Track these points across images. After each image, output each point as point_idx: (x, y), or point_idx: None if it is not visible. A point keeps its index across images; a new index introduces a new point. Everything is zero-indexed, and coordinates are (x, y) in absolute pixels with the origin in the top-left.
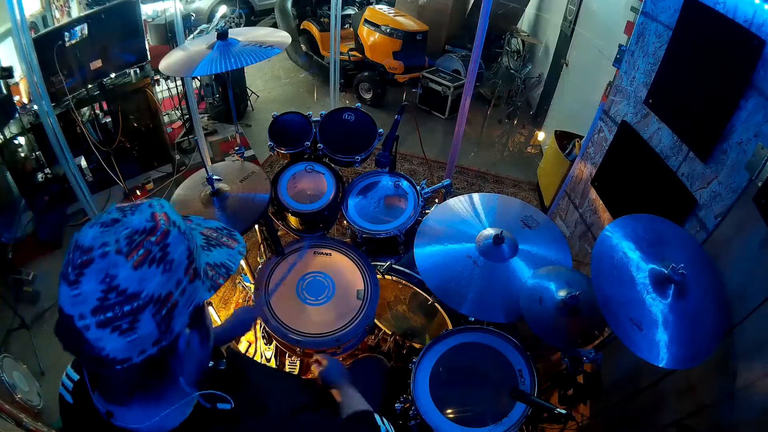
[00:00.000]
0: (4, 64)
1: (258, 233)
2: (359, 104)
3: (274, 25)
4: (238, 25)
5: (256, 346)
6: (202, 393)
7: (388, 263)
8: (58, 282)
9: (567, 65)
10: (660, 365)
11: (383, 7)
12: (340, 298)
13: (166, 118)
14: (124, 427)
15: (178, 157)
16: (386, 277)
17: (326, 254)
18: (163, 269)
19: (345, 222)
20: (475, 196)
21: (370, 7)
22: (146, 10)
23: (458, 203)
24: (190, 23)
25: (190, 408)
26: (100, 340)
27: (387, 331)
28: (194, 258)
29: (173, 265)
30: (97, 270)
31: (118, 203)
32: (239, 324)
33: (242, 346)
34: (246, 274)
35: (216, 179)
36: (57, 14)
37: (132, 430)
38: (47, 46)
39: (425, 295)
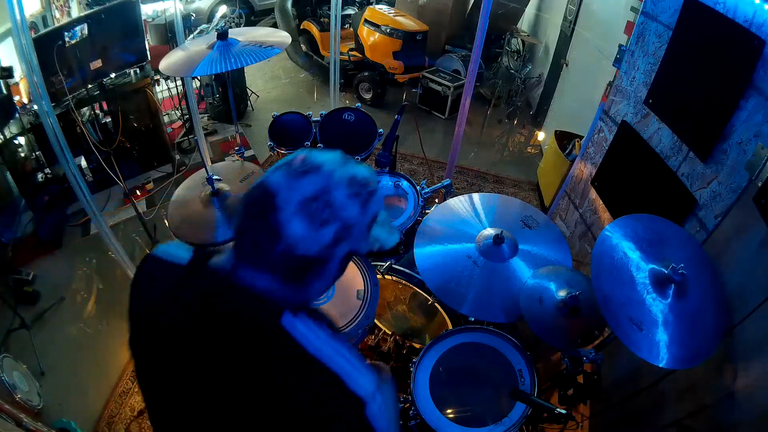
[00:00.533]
0: (4, 64)
1: None
2: (359, 104)
3: (274, 25)
4: (238, 25)
5: None
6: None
7: (388, 263)
8: (276, 167)
9: (567, 65)
10: (660, 365)
11: (383, 7)
12: (340, 298)
13: (166, 118)
14: (243, 282)
15: (178, 157)
16: (386, 277)
17: None
18: (360, 209)
19: None
20: (475, 196)
21: (370, 7)
22: (146, 10)
23: (458, 203)
24: (190, 23)
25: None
26: (288, 222)
27: (387, 331)
28: (375, 219)
29: (367, 212)
30: (321, 179)
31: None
32: None
33: None
34: None
35: (216, 179)
36: (57, 14)
37: (248, 285)
38: (47, 46)
39: (425, 295)
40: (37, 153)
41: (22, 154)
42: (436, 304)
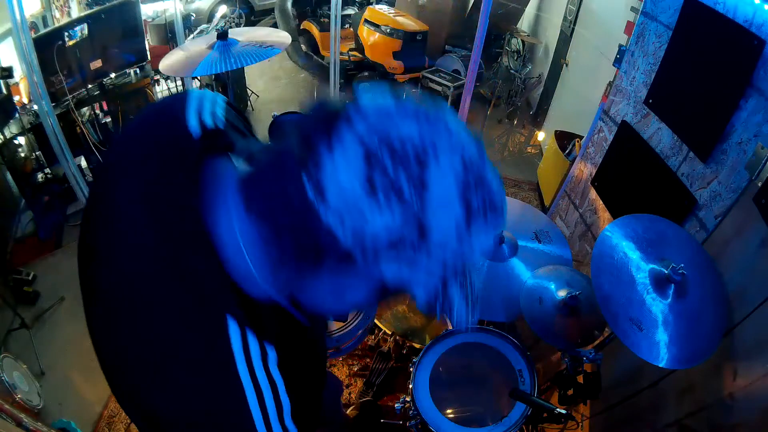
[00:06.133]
0: (4, 64)
1: None
2: None
3: (274, 25)
4: (238, 25)
5: None
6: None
7: None
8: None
9: (567, 65)
10: (660, 365)
11: (383, 7)
12: None
13: None
14: (216, 230)
15: None
16: None
17: None
18: (464, 223)
19: None
20: None
21: (370, 7)
22: (146, 10)
23: None
24: (190, 23)
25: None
26: (343, 172)
27: (387, 331)
28: (473, 256)
29: (471, 234)
30: (432, 135)
31: None
32: None
33: None
34: None
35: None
36: (57, 14)
37: (219, 237)
38: (47, 46)
39: None
40: (37, 153)
41: (22, 154)
42: None
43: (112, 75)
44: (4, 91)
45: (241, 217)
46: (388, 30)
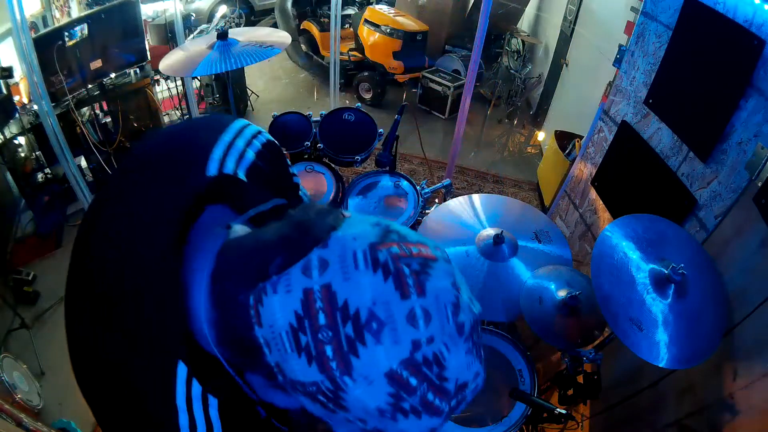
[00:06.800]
0: (4, 64)
1: None
2: (359, 104)
3: (274, 25)
4: (238, 25)
5: None
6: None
7: None
8: None
9: (567, 65)
10: (660, 365)
11: (383, 7)
12: None
13: (166, 118)
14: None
15: None
16: None
17: None
18: (393, 407)
19: None
20: (476, 196)
21: (370, 7)
22: (146, 10)
23: (458, 204)
24: (190, 23)
25: None
26: (280, 301)
27: None
28: None
29: (397, 417)
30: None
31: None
32: None
33: None
34: None
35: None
36: (57, 14)
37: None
38: (47, 46)
39: None
40: (37, 153)
41: (22, 154)
42: None
43: (112, 75)
44: (4, 91)
45: (207, 285)
46: (388, 30)
